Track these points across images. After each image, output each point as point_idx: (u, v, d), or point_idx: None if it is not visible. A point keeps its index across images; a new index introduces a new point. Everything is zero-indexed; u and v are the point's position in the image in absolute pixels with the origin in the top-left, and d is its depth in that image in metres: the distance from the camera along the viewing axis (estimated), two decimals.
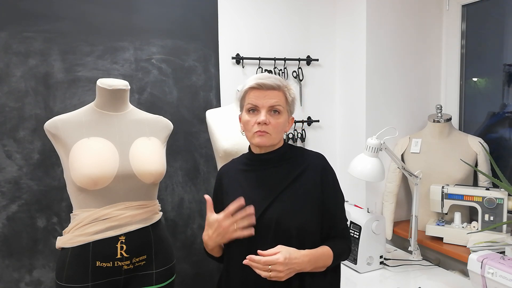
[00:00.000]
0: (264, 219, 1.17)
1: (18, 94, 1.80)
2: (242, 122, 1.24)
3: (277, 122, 1.19)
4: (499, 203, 1.78)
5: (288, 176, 1.22)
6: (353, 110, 2.28)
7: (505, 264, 1.33)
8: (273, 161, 1.25)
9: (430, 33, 2.29)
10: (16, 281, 1.82)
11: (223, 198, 1.29)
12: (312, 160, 1.26)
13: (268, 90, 1.19)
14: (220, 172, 1.35)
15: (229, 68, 2.16)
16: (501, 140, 2.11)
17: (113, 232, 1.37)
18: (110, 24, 1.93)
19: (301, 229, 1.17)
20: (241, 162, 1.31)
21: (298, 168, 1.24)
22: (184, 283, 2.12)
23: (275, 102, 1.19)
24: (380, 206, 2.22)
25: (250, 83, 1.20)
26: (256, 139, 1.19)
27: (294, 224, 1.17)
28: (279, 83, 1.20)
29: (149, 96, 2.02)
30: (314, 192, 1.21)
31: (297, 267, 1.12)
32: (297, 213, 1.18)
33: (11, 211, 1.81)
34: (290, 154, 1.27)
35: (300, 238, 1.17)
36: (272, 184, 1.22)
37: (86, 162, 1.34)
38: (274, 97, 1.19)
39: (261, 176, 1.25)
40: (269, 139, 1.19)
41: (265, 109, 1.18)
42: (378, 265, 1.83)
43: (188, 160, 2.11)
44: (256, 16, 2.20)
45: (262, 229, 1.16)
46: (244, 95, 1.22)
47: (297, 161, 1.26)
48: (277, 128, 1.20)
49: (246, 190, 1.24)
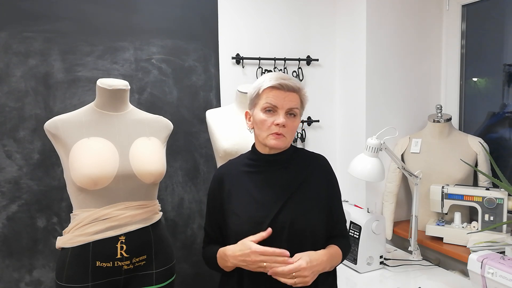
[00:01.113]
0: (278, 222, 1.15)
1: (18, 94, 1.80)
2: (255, 120, 1.20)
3: (293, 125, 1.19)
4: (499, 203, 1.78)
5: (297, 177, 1.22)
6: (353, 110, 2.28)
7: (505, 264, 1.33)
8: (281, 162, 1.23)
9: (430, 33, 2.29)
10: (16, 281, 1.82)
11: (225, 202, 1.24)
12: (317, 162, 1.27)
13: (289, 91, 1.16)
14: (220, 174, 1.29)
15: (229, 68, 2.16)
16: (501, 140, 2.11)
17: (113, 232, 1.37)
18: (110, 24, 1.93)
19: (314, 230, 1.18)
20: (242, 163, 1.28)
21: (305, 170, 1.23)
22: (184, 283, 2.12)
23: (294, 105, 1.17)
24: (380, 206, 2.22)
25: (271, 82, 1.16)
26: (272, 141, 1.16)
27: (307, 226, 1.17)
28: (298, 85, 1.19)
29: (149, 96, 2.02)
30: (321, 193, 1.22)
31: (319, 268, 1.13)
32: (309, 215, 1.18)
33: (11, 211, 1.81)
34: (297, 155, 1.27)
35: (313, 240, 1.18)
36: (281, 186, 1.20)
37: (86, 162, 1.34)
38: (293, 100, 1.17)
39: (269, 177, 1.22)
40: (284, 141, 1.18)
41: (284, 111, 1.16)
42: (378, 265, 1.83)
43: (188, 160, 2.11)
44: (256, 16, 2.20)
45: (276, 231, 1.14)
46: (261, 92, 1.18)
47: (302, 162, 1.25)
48: (293, 131, 1.20)
49: (253, 192, 1.20)
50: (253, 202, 1.19)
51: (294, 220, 1.16)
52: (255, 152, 1.26)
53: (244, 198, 1.21)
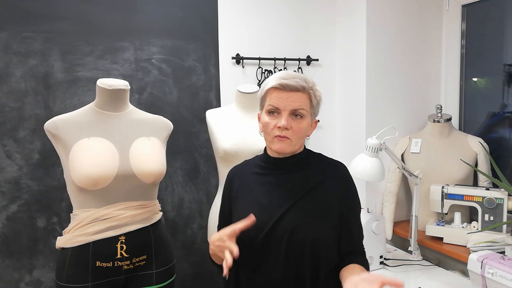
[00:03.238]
0: (278, 228, 1.10)
1: (18, 94, 1.80)
2: (261, 123, 1.15)
3: (299, 127, 1.10)
4: (499, 203, 1.78)
5: (305, 184, 1.14)
6: (353, 110, 2.28)
7: (505, 264, 1.33)
8: (289, 166, 1.16)
9: (430, 33, 2.29)
10: (16, 281, 1.82)
11: (233, 202, 1.22)
12: (332, 169, 1.18)
13: (292, 91, 1.08)
14: (231, 174, 1.27)
15: (229, 68, 2.16)
16: (501, 140, 2.11)
17: (113, 232, 1.37)
18: (110, 24, 1.93)
19: (316, 241, 1.09)
20: (254, 164, 1.23)
21: (317, 177, 1.15)
22: (184, 283, 2.12)
23: (299, 105, 1.09)
24: (380, 206, 2.22)
25: (272, 83, 1.10)
26: (276, 144, 1.11)
27: (309, 235, 1.09)
28: (304, 84, 1.09)
29: (149, 96, 2.02)
30: (333, 203, 1.13)
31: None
32: (313, 225, 1.10)
33: (11, 211, 1.81)
34: (308, 161, 1.18)
35: (314, 251, 1.09)
36: (287, 191, 1.14)
37: (86, 162, 1.34)
38: (297, 100, 1.09)
39: (276, 181, 1.16)
40: (290, 145, 1.11)
41: (287, 112, 1.08)
42: (378, 265, 1.83)
43: (188, 160, 2.11)
44: (256, 16, 2.20)
45: (274, 239, 1.09)
46: (265, 94, 1.13)
47: (316, 169, 1.17)
48: (299, 134, 1.11)
49: (258, 195, 1.16)
50: (258, 205, 1.15)
51: (295, 228, 1.09)
52: (265, 154, 1.21)
53: (250, 200, 1.17)
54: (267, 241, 1.10)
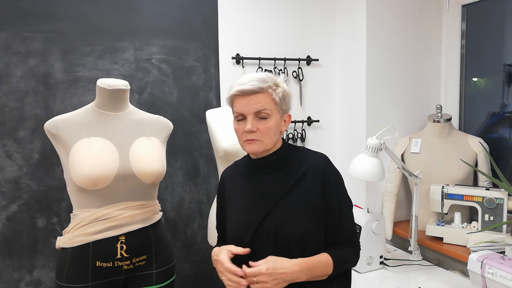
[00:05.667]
0: (263, 228, 1.13)
1: (18, 94, 1.80)
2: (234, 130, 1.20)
3: (266, 127, 1.12)
4: (499, 203, 1.78)
5: (287, 181, 1.16)
6: (353, 110, 2.28)
7: (505, 264, 1.33)
8: (269, 166, 1.18)
9: (430, 33, 2.29)
10: (16, 281, 1.82)
11: (225, 203, 1.26)
12: (313, 162, 1.17)
13: (251, 95, 1.11)
14: (223, 175, 1.31)
15: (229, 68, 2.16)
16: (501, 140, 2.11)
17: (113, 232, 1.37)
18: (110, 24, 1.93)
19: (301, 237, 1.12)
20: (242, 165, 1.26)
21: (297, 173, 1.16)
22: (184, 283, 2.12)
23: (260, 106, 1.11)
24: (380, 206, 2.22)
25: (232, 91, 1.14)
26: (247, 147, 1.15)
27: (293, 232, 1.12)
28: (261, 85, 1.11)
29: (149, 96, 2.02)
30: (314, 196, 1.14)
31: (287, 277, 1.05)
32: (296, 221, 1.12)
33: (11, 211, 1.81)
34: (288, 157, 1.19)
35: (301, 246, 1.12)
36: (270, 191, 1.16)
37: (86, 162, 1.34)
38: (258, 102, 1.11)
39: (260, 182, 1.19)
40: (260, 145, 1.13)
41: (251, 116, 1.12)
42: (378, 265, 1.83)
43: (188, 160, 2.11)
44: (256, 16, 2.20)
45: (262, 238, 1.13)
46: (231, 103, 1.17)
47: (296, 164, 1.18)
48: (268, 133, 1.13)
49: (246, 196, 1.20)
50: (245, 206, 1.18)
51: (279, 227, 1.12)
52: (248, 156, 1.25)
53: (239, 201, 1.20)
54: (255, 241, 1.13)
